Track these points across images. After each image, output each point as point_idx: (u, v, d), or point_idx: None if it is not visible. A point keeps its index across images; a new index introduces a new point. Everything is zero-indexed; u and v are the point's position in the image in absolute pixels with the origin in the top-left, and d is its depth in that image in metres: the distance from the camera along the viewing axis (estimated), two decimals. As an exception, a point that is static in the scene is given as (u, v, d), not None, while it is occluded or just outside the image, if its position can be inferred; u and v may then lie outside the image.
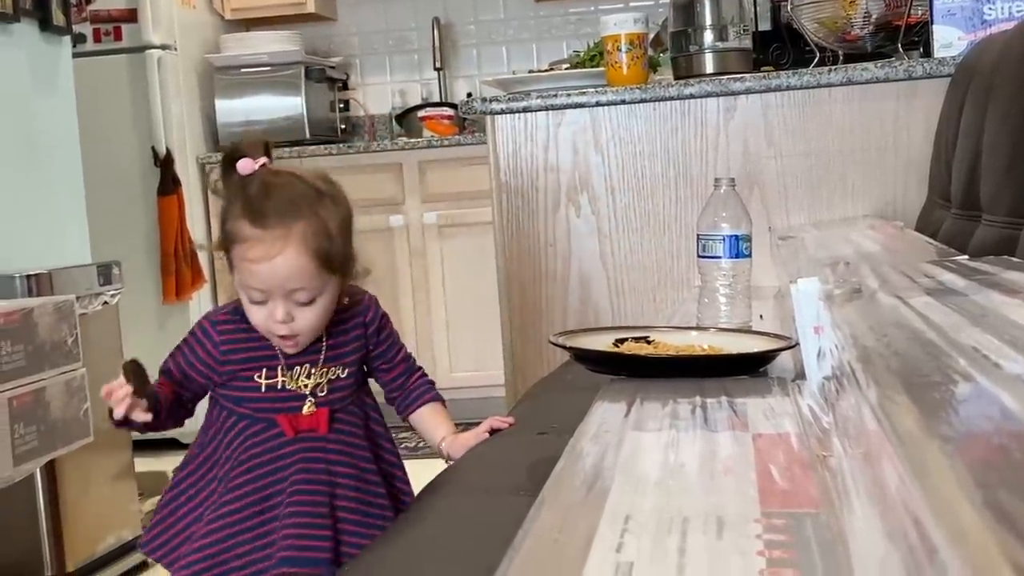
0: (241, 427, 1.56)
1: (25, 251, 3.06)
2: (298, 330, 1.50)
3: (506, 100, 2.55)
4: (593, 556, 0.68)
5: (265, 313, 1.49)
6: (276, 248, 1.44)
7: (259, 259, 1.44)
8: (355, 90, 5.28)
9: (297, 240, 1.45)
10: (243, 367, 1.55)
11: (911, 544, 0.43)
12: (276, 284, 1.46)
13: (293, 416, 1.54)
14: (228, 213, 1.49)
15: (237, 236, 1.46)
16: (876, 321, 0.82)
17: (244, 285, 1.49)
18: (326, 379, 1.56)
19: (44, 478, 2.80)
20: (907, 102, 2.38)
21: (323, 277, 1.48)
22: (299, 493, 1.52)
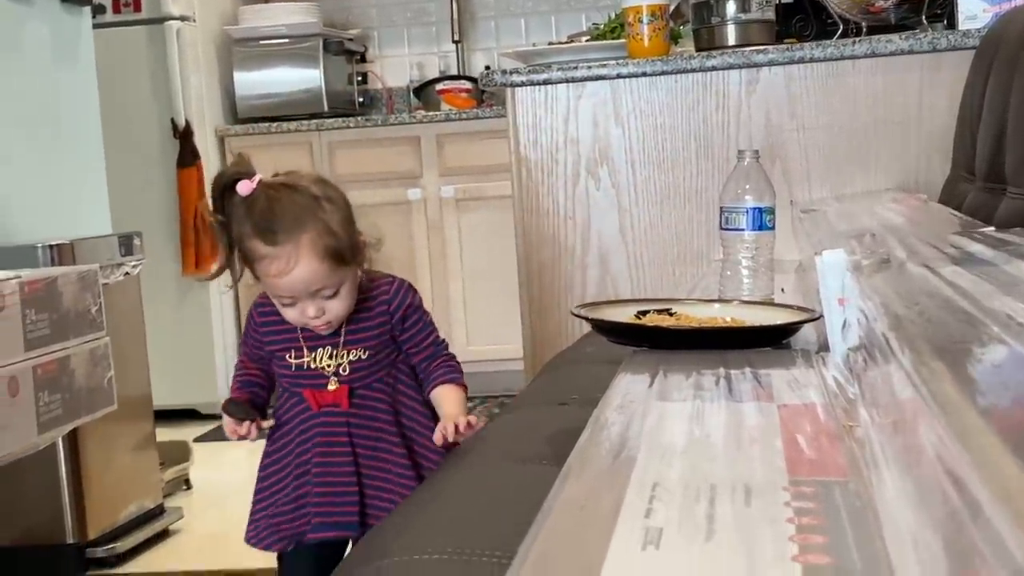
0: (283, 400, 1.77)
1: (46, 222, 3.07)
2: (331, 319, 1.67)
3: (526, 72, 2.55)
4: (622, 523, 0.68)
5: (298, 312, 1.66)
6: (292, 262, 1.61)
7: (279, 274, 1.62)
8: (373, 63, 5.27)
9: (307, 249, 1.61)
10: (278, 348, 1.74)
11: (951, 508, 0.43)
12: (299, 290, 1.63)
13: (318, 392, 1.71)
14: (241, 234, 1.64)
15: (254, 255, 1.63)
16: (906, 290, 0.81)
17: (272, 295, 1.68)
18: (347, 360, 1.71)
19: (66, 447, 2.82)
20: (931, 74, 2.37)
21: (339, 272, 1.64)
22: (324, 465, 1.70)
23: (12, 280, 2.13)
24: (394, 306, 1.73)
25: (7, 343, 2.09)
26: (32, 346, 2.17)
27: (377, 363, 1.73)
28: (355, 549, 1.11)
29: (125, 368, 2.81)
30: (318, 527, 1.69)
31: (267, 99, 4.79)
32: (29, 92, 3.10)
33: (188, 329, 4.54)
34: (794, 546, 0.62)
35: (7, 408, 2.07)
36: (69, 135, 3.27)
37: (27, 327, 2.15)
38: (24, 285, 2.15)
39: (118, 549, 2.92)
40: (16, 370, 2.11)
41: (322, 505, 1.69)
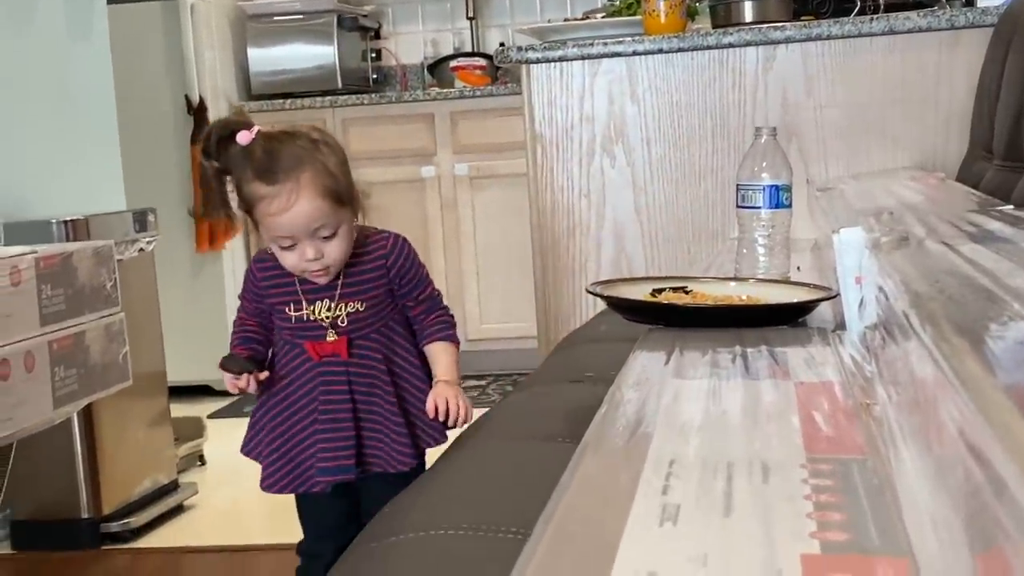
0: (284, 351, 1.82)
1: (60, 198, 3.08)
2: (329, 261, 1.71)
3: (542, 49, 2.54)
4: (639, 499, 0.68)
5: (297, 256, 1.70)
6: (292, 199, 1.65)
7: (280, 211, 1.66)
8: (387, 39, 5.26)
9: (308, 186, 1.66)
10: (278, 301, 1.79)
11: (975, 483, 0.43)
12: (300, 228, 1.67)
13: (318, 343, 1.77)
14: (241, 179, 1.69)
15: (255, 197, 1.67)
16: (926, 268, 0.81)
17: (273, 237, 1.70)
18: (344, 312, 1.76)
19: (81, 422, 2.84)
20: (949, 52, 2.35)
21: (337, 212, 1.69)
22: (327, 412, 1.77)
23: (28, 255, 2.13)
24: (391, 260, 1.78)
25: (23, 318, 2.10)
26: (47, 321, 2.18)
27: (374, 316, 1.78)
28: (371, 523, 1.12)
29: (139, 344, 2.82)
30: (322, 471, 1.77)
31: (281, 75, 4.79)
32: (44, 68, 3.10)
33: (202, 306, 4.55)
34: (812, 523, 0.62)
35: (23, 383, 2.08)
36: (83, 111, 3.27)
37: (43, 302, 2.16)
38: (40, 260, 2.16)
39: (132, 524, 2.94)
40: (32, 345, 2.12)
41: (326, 451, 1.77)
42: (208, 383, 4.60)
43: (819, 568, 0.56)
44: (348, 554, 1.06)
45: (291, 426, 1.82)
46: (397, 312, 1.82)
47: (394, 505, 1.21)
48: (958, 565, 0.49)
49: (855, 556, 0.58)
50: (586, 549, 0.62)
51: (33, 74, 3.06)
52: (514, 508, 0.99)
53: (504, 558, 0.68)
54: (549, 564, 0.59)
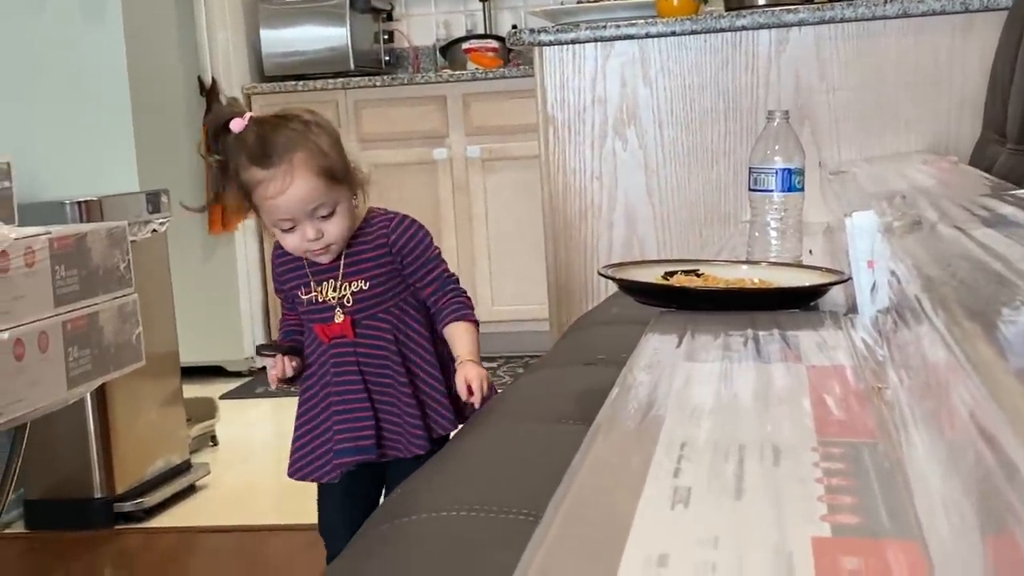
0: (306, 339, 1.85)
1: (74, 179, 3.09)
2: (330, 240, 1.73)
3: (554, 32, 2.53)
4: (651, 481, 0.68)
5: (298, 237, 1.72)
6: (287, 180, 1.67)
7: (277, 194, 1.68)
8: (399, 21, 5.25)
9: (302, 167, 1.68)
10: (292, 285, 1.82)
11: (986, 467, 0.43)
12: (298, 209, 1.69)
13: (327, 325, 1.78)
14: (237, 167, 1.71)
15: (252, 182, 1.70)
16: (938, 252, 0.81)
17: (272, 220, 1.73)
18: (349, 291, 1.77)
19: (94, 403, 2.85)
20: (963, 35, 2.34)
21: (333, 190, 1.70)
22: (339, 394, 1.78)
23: (42, 236, 2.14)
24: (393, 238, 1.78)
25: (37, 298, 2.11)
26: (61, 302, 2.19)
27: (380, 295, 1.78)
28: (383, 504, 1.12)
29: (152, 325, 2.83)
30: (340, 453, 1.77)
31: (293, 57, 4.79)
32: (57, 50, 3.11)
33: (214, 287, 4.56)
34: (823, 506, 0.62)
35: (37, 363, 2.09)
36: (96, 93, 3.28)
37: (56, 283, 2.17)
38: (54, 241, 2.16)
39: (146, 504, 2.96)
40: (46, 325, 2.13)
41: (342, 432, 1.77)
42: (220, 364, 4.62)
43: (830, 551, 0.56)
44: (360, 535, 1.06)
45: (309, 411, 1.83)
46: (409, 294, 1.81)
47: (406, 486, 1.22)
48: (969, 548, 0.49)
49: (866, 539, 0.58)
50: (597, 531, 0.62)
51: (47, 56, 3.07)
52: (526, 490, 0.99)
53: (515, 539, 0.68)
54: (560, 546, 0.60)
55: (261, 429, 4.03)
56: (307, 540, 2.75)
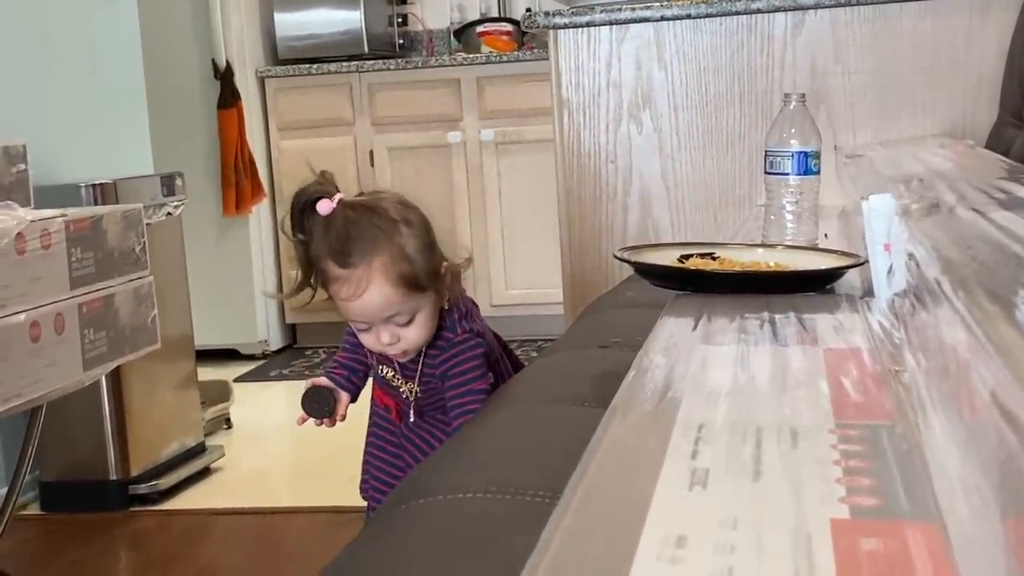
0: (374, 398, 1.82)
1: (88, 161, 3.09)
2: (407, 347, 1.65)
3: (569, 15, 2.53)
4: (668, 463, 0.68)
5: (373, 337, 1.64)
6: (362, 286, 1.57)
7: (350, 297, 1.59)
8: (413, 4, 5.24)
9: (379, 274, 1.57)
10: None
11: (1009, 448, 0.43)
12: (372, 315, 1.61)
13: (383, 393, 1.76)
14: (318, 254, 1.61)
15: (328, 277, 1.61)
16: (957, 235, 0.81)
17: (347, 318, 1.66)
18: (407, 387, 1.72)
19: (110, 385, 2.86)
20: (980, 17, 2.33)
21: (413, 298, 1.61)
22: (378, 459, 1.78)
23: (58, 218, 2.15)
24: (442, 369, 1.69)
25: (53, 280, 2.12)
26: (77, 284, 2.19)
27: (432, 403, 1.73)
28: (399, 487, 1.12)
29: (167, 307, 2.84)
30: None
31: (307, 40, 4.78)
32: (72, 33, 3.11)
33: (229, 270, 4.57)
34: (841, 488, 0.62)
35: (53, 345, 2.10)
36: (111, 75, 3.28)
37: (72, 265, 2.17)
38: (70, 223, 2.17)
39: (160, 486, 2.97)
40: (62, 307, 2.14)
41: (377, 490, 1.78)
42: (235, 347, 4.63)
43: (849, 532, 0.56)
44: (377, 516, 1.07)
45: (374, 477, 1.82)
46: None
47: (423, 468, 1.22)
48: (988, 530, 0.49)
49: (885, 521, 0.58)
50: (615, 513, 0.62)
51: (61, 39, 3.07)
52: (543, 471, 0.99)
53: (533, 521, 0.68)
54: (578, 527, 0.60)
55: (275, 412, 4.05)
56: (322, 522, 2.77)
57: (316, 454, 3.37)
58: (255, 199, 4.55)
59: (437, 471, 1.13)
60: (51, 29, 3.03)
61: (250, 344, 4.65)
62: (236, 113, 4.47)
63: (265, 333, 4.69)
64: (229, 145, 4.45)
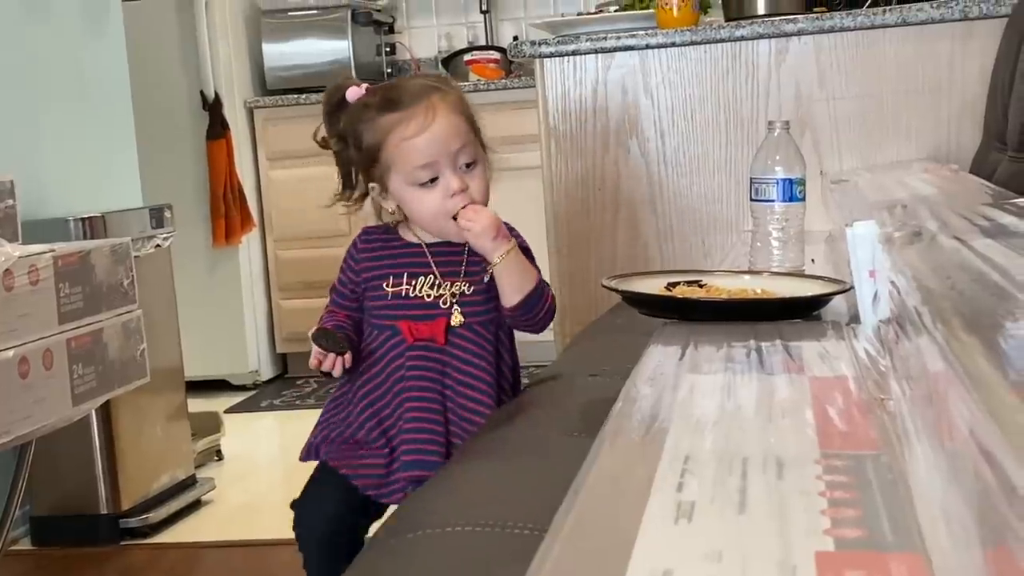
0: (372, 336, 1.63)
1: (77, 194, 3.09)
2: (475, 195, 1.57)
3: (555, 43, 2.54)
4: (655, 496, 0.69)
5: (439, 193, 1.55)
6: (429, 116, 1.52)
7: (418, 131, 1.52)
8: (401, 33, 5.26)
9: (443, 105, 1.54)
10: (374, 274, 1.62)
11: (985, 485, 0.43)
12: (440, 149, 1.53)
13: (415, 324, 1.59)
14: (364, 126, 1.56)
15: (387, 129, 1.54)
16: (938, 263, 0.81)
17: (410, 170, 1.54)
18: (449, 292, 1.59)
19: (100, 418, 2.85)
20: (963, 43, 2.35)
21: (475, 140, 1.58)
22: (415, 400, 1.58)
23: (46, 254, 2.14)
24: None
25: (41, 316, 2.11)
26: (66, 319, 2.19)
27: (481, 303, 1.60)
28: (390, 519, 1.12)
29: (156, 340, 2.83)
30: (404, 465, 1.56)
31: (295, 70, 4.80)
32: (59, 64, 3.12)
33: (219, 300, 4.57)
34: (826, 520, 0.63)
35: (42, 380, 2.09)
36: (99, 107, 3.29)
37: (61, 300, 2.17)
38: (58, 259, 2.17)
39: (151, 519, 2.96)
40: (51, 343, 2.13)
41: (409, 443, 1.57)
42: (226, 377, 4.62)
43: (833, 565, 0.56)
44: (367, 550, 1.07)
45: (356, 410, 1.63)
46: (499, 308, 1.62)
47: (413, 501, 1.22)
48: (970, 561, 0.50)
49: (869, 553, 0.58)
50: (602, 547, 0.62)
51: (49, 70, 3.08)
52: (531, 504, 1.00)
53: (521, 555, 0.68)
54: (565, 562, 0.60)
55: (267, 443, 4.04)
56: (313, 554, 2.75)
57: (308, 485, 3.36)
58: (245, 229, 4.55)
59: (426, 505, 1.13)
60: (39, 62, 3.03)
61: (241, 375, 4.64)
62: (225, 144, 4.47)
63: (256, 363, 4.68)
64: (218, 176, 4.45)
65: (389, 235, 1.65)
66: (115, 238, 2.52)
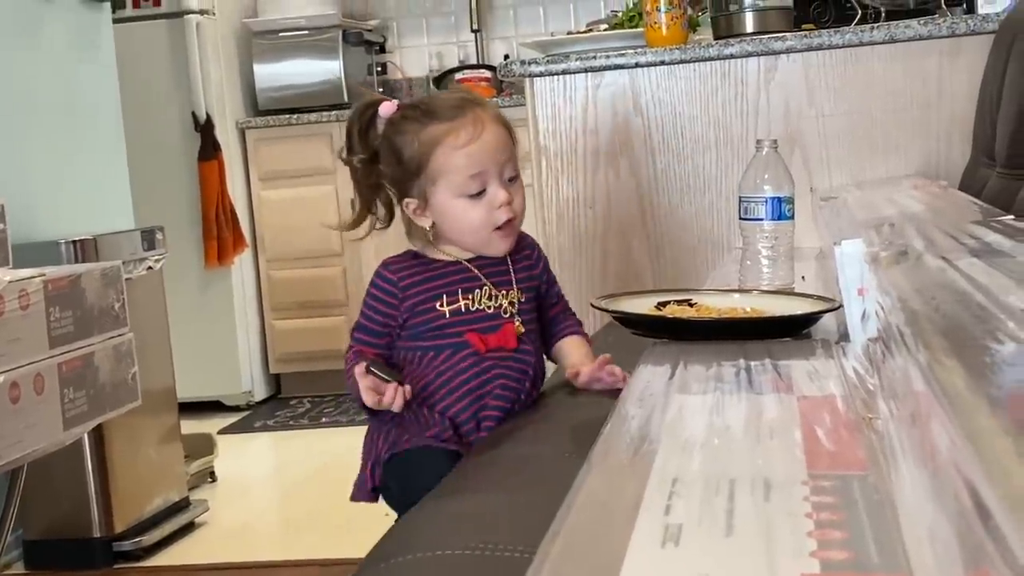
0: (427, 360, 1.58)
1: (69, 217, 3.09)
2: (518, 209, 1.58)
3: (545, 63, 2.55)
4: (642, 519, 0.69)
5: (485, 206, 1.55)
6: (479, 127, 1.53)
7: (469, 140, 1.53)
8: (392, 53, 5.28)
9: (489, 116, 1.55)
10: (422, 297, 1.58)
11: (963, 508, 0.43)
12: (490, 158, 1.54)
13: (482, 335, 1.57)
14: (405, 142, 1.56)
15: (435, 139, 1.53)
16: (923, 284, 0.82)
17: (461, 180, 1.54)
18: (507, 300, 1.60)
19: (92, 441, 2.85)
20: (950, 59, 2.36)
21: (516, 154, 1.58)
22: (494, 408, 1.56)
23: (36, 278, 2.14)
24: (536, 256, 1.68)
25: (32, 341, 2.11)
26: (56, 343, 2.19)
27: (531, 311, 1.64)
28: (379, 543, 1.12)
29: (149, 362, 2.83)
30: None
31: (287, 91, 4.81)
32: (50, 88, 3.12)
33: (211, 321, 4.57)
34: (813, 542, 0.63)
35: (33, 405, 2.09)
36: (90, 130, 3.29)
37: (51, 324, 2.17)
38: (48, 283, 2.17)
39: (144, 542, 2.95)
40: (41, 367, 2.13)
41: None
42: (218, 399, 4.61)
43: (819, 588, 0.56)
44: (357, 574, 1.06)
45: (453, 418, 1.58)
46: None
47: (403, 524, 1.22)
48: (954, 583, 0.50)
49: (855, 575, 0.58)
50: (589, 570, 0.62)
51: (41, 93, 3.08)
52: (522, 526, 0.99)
53: (509, 579, 0.68)
54: (553, 586, 0.60)
55: (260, 464, 4.03)
56: (309, 575, 2.75)
57: (302, 507, 3.36)
58: (237, 250, 4.55)
59: (416, 529, 1.13)
60: (30, 85, 3.04)
61: (234, 395, 4.64)
62: (217, 165, 4.48)
63: (249, 384, 4.67)
64: (210, 197, 4.45)
65: (421, 259, 1.62)
66: (106, 261, 2.52)
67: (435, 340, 1.58)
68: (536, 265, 1.67)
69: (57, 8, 3.15)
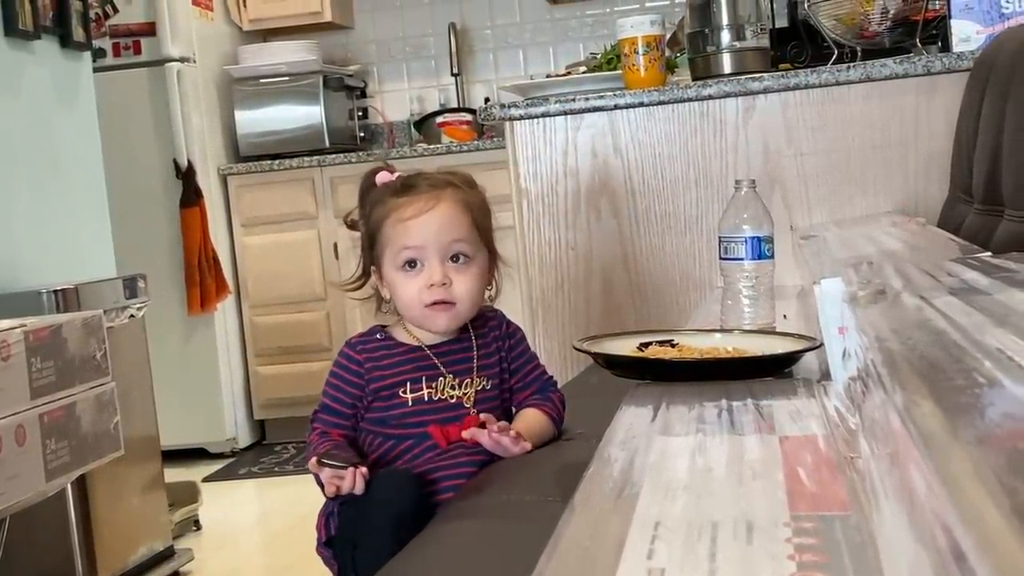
0: (387, 447, 1.56)
1: (51, 266, 3.09)
2: (456, 296, 1.54)
3: (524, 106, 2.56)
4: (624, 563, 0.68)
5: (420, 282, 1.53)
6: (430, 203, 1.53)
7: (414, 214, 1.52)
8: (373, 98, 5.30)
9: (448, 197, 1.54)
10: (386, 382, 1.56)
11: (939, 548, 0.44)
12: (432, 236, 1.52)
13: (444, 427, 1.55)
14: (375, 206, 1.58)
15: (388, 210, 1.55)
16: (900, 323, 0.82)
17: (397, 250, 1.54)
18: (473, 389, 1.57)
19: (75, 491, 2.82)
20: (927, 97, 2.38)
21: (475, 238, 1.55)
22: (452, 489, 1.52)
23: (17, 329, 2.13)
24: (503, 331, 1.64)
25: (13, 392, 2.10)
26: (38, 394, 2.17)
27: (497, 397, 1.61)
28: None
29: (131, 410, 2.81)
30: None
31: (269, 137, 4.82)
32: (31, 137, 3.12)
33: (195, 368, 4.55)
34: (795, 584, 0.63)
35: (15, 456, 2.08)
36: (72, 179, 3.29)
37: (33, 375, 2.16)
38: (29, 334, 2.16)
39: (129, 592, 2.92)
40: (23, 419, 2.12)
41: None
42: (202, 446, 4.59)
43: (800, 631, 0.56)
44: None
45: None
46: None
47: (388, 570, 1.21)
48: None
49: (836, 617, 0.58)
50: (571, 617, 0.62)
51: (21, 142, 3.08)
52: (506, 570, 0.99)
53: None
54: (535, 634, 0.60)
55: (245, 511, 4.00)
56: (293, 623, 2.73)
57: (288, 554, 3.33)
58: (220, 296, 4.54)
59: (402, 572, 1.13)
60: (10, 133, 3.04)
61: (218, 442, 4.61)
62: (199, 211, 4.48)
63: (233, 430, 4.65)
64: (192, 243, 4.45)
65: (383, 340, 1.60)
66: (87, 311, 2.51)
67: (397, 429, 1.56)
68: (503, 345, 1.63)
69: (37, 57, 3.15)
